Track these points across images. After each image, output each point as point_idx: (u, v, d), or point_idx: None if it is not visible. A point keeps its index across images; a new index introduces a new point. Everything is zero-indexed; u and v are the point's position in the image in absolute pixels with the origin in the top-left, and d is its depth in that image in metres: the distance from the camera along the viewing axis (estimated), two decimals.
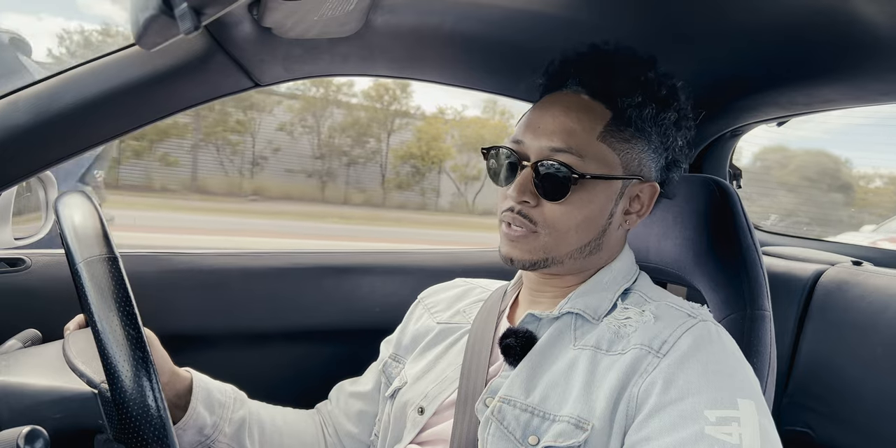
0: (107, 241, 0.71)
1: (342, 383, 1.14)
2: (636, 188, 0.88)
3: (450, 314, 1.05)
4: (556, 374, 0.83)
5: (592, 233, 0.87)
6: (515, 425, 0.81)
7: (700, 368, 0.76)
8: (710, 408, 0.72)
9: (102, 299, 0.65)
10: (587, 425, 0.77)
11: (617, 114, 0.85)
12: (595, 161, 0.83)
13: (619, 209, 0.88)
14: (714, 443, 0.69)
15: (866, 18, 0.88)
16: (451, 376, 0.94)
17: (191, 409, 0.93)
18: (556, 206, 0.83)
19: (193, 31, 0.51)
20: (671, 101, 0.87)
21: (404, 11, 0.99)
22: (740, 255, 1.00)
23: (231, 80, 0.98)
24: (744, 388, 0.75)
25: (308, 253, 1.45)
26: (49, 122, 0.88)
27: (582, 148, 0.83)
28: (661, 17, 1.01)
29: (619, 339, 0.82)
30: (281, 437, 1.03)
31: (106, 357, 0.62)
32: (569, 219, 0.84)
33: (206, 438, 0.95)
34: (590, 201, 0.84)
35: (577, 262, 0.89)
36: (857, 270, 1.42)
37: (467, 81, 1.28)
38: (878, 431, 1.27)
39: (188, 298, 1.29)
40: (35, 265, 1.17)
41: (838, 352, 1.36)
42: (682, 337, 0.79)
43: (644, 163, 0.88)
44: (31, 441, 0.58)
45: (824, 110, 1.32)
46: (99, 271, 0.67)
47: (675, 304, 0.86)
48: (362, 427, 1.07)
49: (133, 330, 0.63)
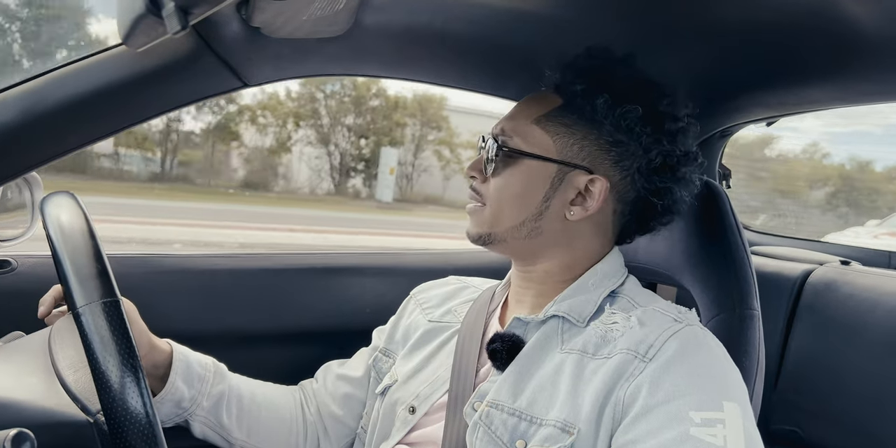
0: (104, 277, 0.70)
1: (330, 364, 1.14)
2: (581, 178, 0.87)
3: (441, 312, 1.05)
4: (543, 379, 0.83)
5: (526, 211, 0.89)
6: (503, 430, 0.81)
7: (686, 371, 0.76)
8: (695, 410, 0.73)
9: (105, 346, 0.65)
10: (573, 429, 0.77)
11: (566, 102, 0.89)
12: (524, 141, 0.89)
13: (559, 196, 0.88)
14: (699, 444, 0.70)
15: (855, 19, 0.89)
16: (443, 377, 0.94)
17: (169, 383, 0.94)
18: (494, 180, 0.90)
19: (181, 30, 0.51)
20: (632, 95, 0.86)
21: (394, 11, 0.99)
22: (729, 255, 1.00)
23: (219, 80, 0.98)
24: (729, 391, 0.76)
25: (299, 254, 1.44)
26: (35, 123, 0.87)
27: (515, 130, 0.90)
28: (651, 18, 1.02)
29: (605, 343, 0.82)
30: (259, 411, 1.04)
31: (107, 401, 0.62)
32: (502, 192, 0.90)
33: (183, 411, 0.97)
34: (518, 178, 0.89)
35: (520, 244, 0.91)
36: (845, 270, 1.43)
37: (457, 81, 1.28)
38: (866, 429, 1.28)
39: (178, 300, 1.28)
40: (21, 267, 1.16)
41: (827, 351, 1.36)
42: (668, 341, 0.79)
43: (591, 153, 0.87)
44: (18, 444, 0.57)
45: (813, 110, 1.32)
46: (99, 318, 0.67)
47: (661, 309, 0.86)
48: (347, 410, 1.07)
49: (133, 372, 0.64)
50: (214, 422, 0.99)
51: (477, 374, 0.90)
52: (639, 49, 0.89)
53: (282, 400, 1.08)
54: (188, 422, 0.98)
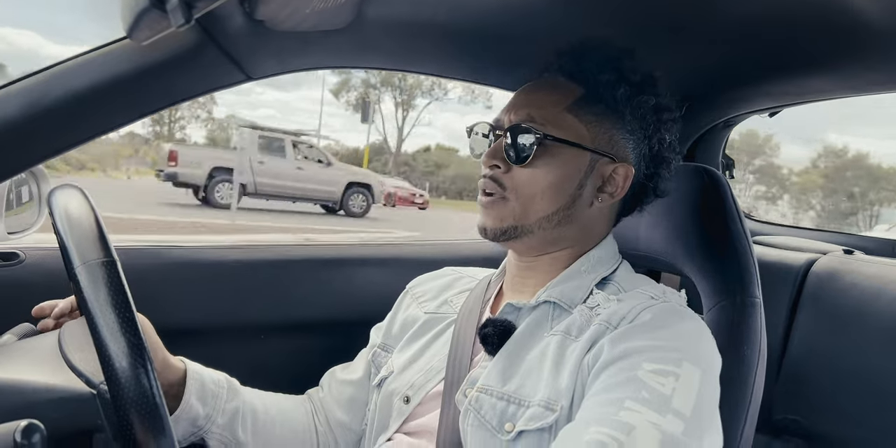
0: (103, 241, 0.71)
1: (334, 369, 1.15)
2: (608, 167, 0.90)
3: (437, 304, 1.06)
4: (531, 362, 0.84)
5: (560, 200, 0.88)
6: (492, 414, 0.82)
7: (650, 335, 0.77)
8: (649, 361, 0.73)
9: (101, 304, 0.65)
10: (556, 406, 0.78)
11: (589, 91, 0.89)
12: (560, 129, 0.88)
13: (590, 184, 0.90)
14: (642, 387, 0.70)
15: (858, 8, 0.89)
16: (438, 366, 0.95)
17: (184, 402, 0.93)
18: (524, 169, 0.88)
19: (185, 24, 0.51)
20: (646, 87, 0.90)
21: (397, 3, 0.99)
22: (730, 244, 1.01)
23: (223, 73, 0.98)
24: (694, 357, 0.75)
25: (302, 245, 1.45)
26: (40, 117, 0.88)
27: (548, 118, 0.88)
28: (654, 8, 1.01)
29: (588, 325, 0.84)
30: (274, 425, 1.04)
31: (106, 362, 0.62)
32: (535, 182, 0.87)
33: (198, 429, 0.96)
34: (556, 166, 0.87)
35: (548, 234, 0.90)
36: (848, 259, 1.43)
37: (460, 73, 1.28)
38: (869, 419, 1.28)
39: (183, 291, 1.29)
40: (29, 259, 1.17)
41: (830, 340, 1.37)
42: (642, 313, 0.81)
43: (617, 141, 0.90)
44: (28, 435, 0.57)
45: (816, 100, 1.32)
46: (97, 275, 0.67)
47: (644, 291, 0.88)
48: (353, 415, 1.07)
49: (133, 336, 0.63)
50: (230, 438, 0.98)
51: (472, 362, 0.91)
52: (642, 39, 0.90)
53: (294, 413, 1.08)
54: (204, 439, 0.97)
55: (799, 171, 38.34)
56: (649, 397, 0.69)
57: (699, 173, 1.05)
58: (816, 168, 37.24)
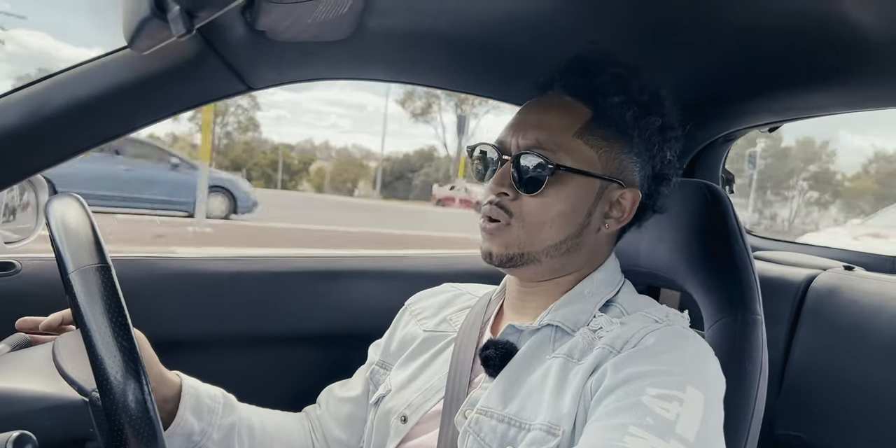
0: (99, 249, 0.70)
1: (332, 387, 1.13)
2: (617, 192, 0.88)
3: (436, 322, 1.04)
4: (532, 384, 0.83)
5: (568, 229, 0.87)
6: (492, 437, 0.81)
7: (653, 359, 0.76)
8: (653, 386, 0.72)
9: (94, 310, 0.64)
10: (558, 430, 0.77)
11: (597, 113, 0.87)
12: (571, 156, 0.85)
13: (599, 210, 0.88)
14: (646, 413, 0.68)
15: (860, 24, 0.89)
16: (436, 385, 0.93)
17: (178, 417, 0.91)
18: (533, 199, 0.85)
19: (186, 34, 0.51)
20: (654, 107, 0.88)
21: (398, 15, 0.99)
22: (732, 260, 1.00)
23: (223, 83, 0.98)
24: (699, 381, 0.74)
25: (300, 257, 1.44)
26: (41, 125, 0.87)
27: (558, 143, 0.85)
28: (655, 23, 1.02)
29: (590, 349, 0.83)
30: (271, 443, 1.02)
31: (98, 367, 0.62)
32: (544, 212, 0.85)
33: (194, 445, 0.94)
34: (566, 196, 0.85)
35: (555, 262, 0.88)
36: (848, 275, 1.43)
37: (460, 85, 1.28)
38: (871, 435, 1.27)
39: (180, 303, 1.28)
40: (25, 269, 1.16)
41: (830, 356, 1.36)
42: (645, 337, 0.79)
43: (625, 166, 0.88)
44: (20, 446, 0.57)
45: (818, 115, 1.32)
46: (91, 281, 0.66)
47: (647, 314, 0.86)
48: (351, 433, 1.06)
49: (126, 341, 0.63)
50: None
51: (471, 383, 0.90)
52: (643, 54, 0.89)
53: (291, 429, 1.06)
54: None
55: (851, 177, 38.39)
56: (653, 423, 0.68)
57: (700, 189, 1.04)
58: (868, 174, 37.31)
